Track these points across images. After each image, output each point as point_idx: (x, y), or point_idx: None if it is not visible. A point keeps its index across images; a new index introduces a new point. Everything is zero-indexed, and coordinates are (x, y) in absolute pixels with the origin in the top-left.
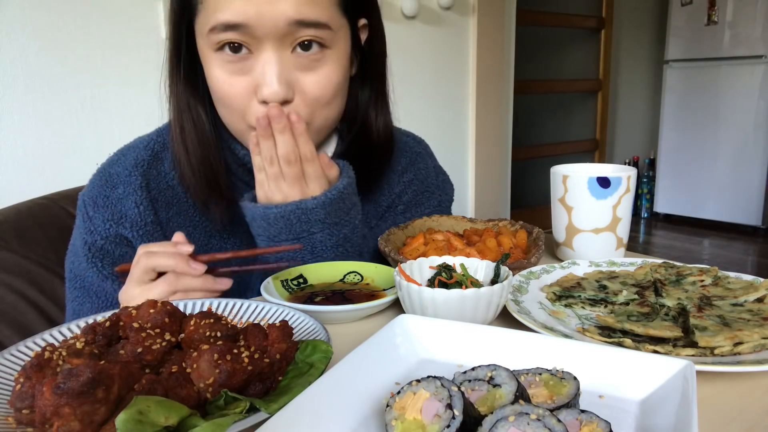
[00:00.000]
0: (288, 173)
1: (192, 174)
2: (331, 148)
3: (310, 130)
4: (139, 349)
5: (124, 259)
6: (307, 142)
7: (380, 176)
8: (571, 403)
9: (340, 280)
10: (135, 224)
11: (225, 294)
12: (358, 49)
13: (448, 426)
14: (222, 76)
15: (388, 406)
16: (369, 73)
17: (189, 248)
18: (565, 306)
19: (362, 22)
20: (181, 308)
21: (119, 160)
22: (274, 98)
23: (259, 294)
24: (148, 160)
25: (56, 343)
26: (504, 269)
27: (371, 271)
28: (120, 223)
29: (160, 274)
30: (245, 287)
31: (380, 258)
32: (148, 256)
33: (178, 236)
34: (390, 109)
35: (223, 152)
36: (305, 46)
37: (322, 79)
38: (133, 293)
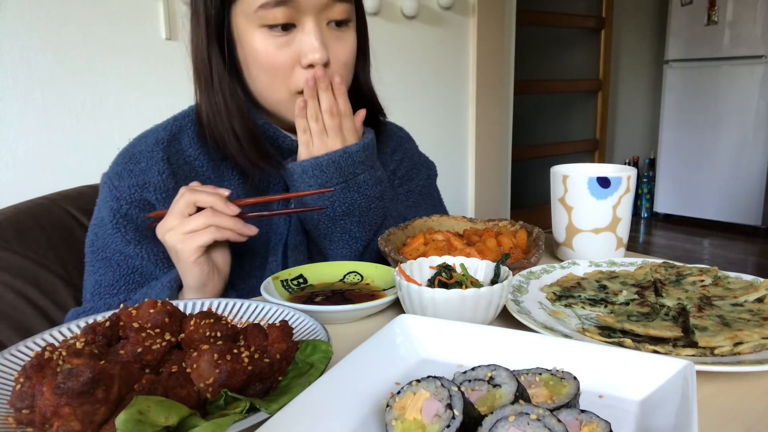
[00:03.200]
0: (330, 126)
1: (237, 140)
2: None
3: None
4: (139, 349)
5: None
6: (345, 100)
7: (378, 133)
8: (571, 403)
9: (340, 280)
10: (158, 189)
11: (247, 251)
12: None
13: (448, 426)
14: (268, 48)
15: (388, 406)
16: (359, 45)
17: (226, 192)
18: (565, 306)
19: None
20: (181, 308)
21: (140, 141)
22: (320, 61)
23: (259, 294)
24: (168, 138)
25: (56, 343)
26: (504, 269)
27: (371, 271)
28: (144, 188)
29: (199, 210)
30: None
31: (380, 257)
32: (192, 192)
33: (219, 190)
34: (370, 77)
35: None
36: (338, 22)
37: (348, 46)
38: (172, 224)
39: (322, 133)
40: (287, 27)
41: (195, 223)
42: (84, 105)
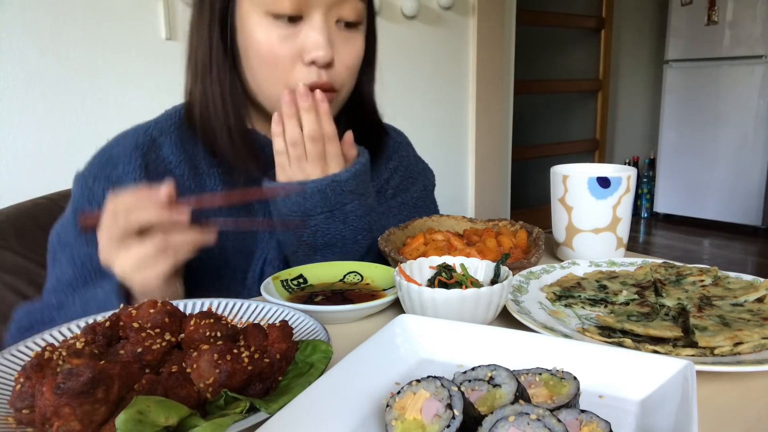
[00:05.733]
0: (312, 152)
1: (229, 135)
2: None
3: (337, 100)
4: (139, 349)
5: None
6: (329, 122)
7: (378, 149)
8: (571, 403)
9: (340, 280)
10: None
11: (216, 261)
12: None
13: (448, 426)
14: (270, 39)
15: (388, 406)
16: (366, 55)
17: (164, 190)
18: (565, 306)
19: None
20: (181, 308)
21: (119, 143)
22: (323, 59)
23: (259, 294)
24: (148, 143)
25: (56, 343)
26: (504, 269)
27: (371, 271)
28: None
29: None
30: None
31: (380, 257)
32: (126, 213)
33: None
34: (374, 82)
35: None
36: (348, 24)
37: (355, 50)
38: (121, 263)
39: (300, 158)
40: (294, 19)
41: (143, 251)
42: (84, 105)
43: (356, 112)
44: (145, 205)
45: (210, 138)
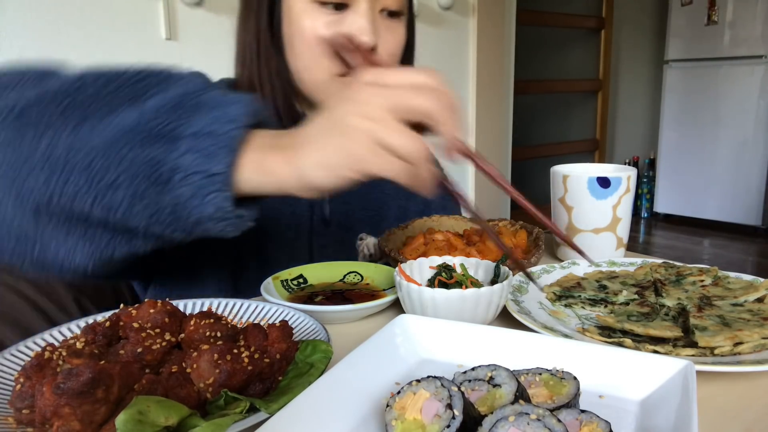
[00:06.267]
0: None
1: (278, 119)
2: None
3: None
4: (139, 349)
5: None
6: None
7: None
8: (571, 403)
9: (340, 280)
10: None
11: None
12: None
13: (448, 426)
14: (316, 24)
15: (388, 406)
16: (406, 50)
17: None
18: (565, 306)
19: None
20: (181, 308)
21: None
22: (368, 43)
23: (259, 293)
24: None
25: (56, 343)
26: (504, 269)
27: (371, 271)
28: None
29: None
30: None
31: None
32: (416, 90)
33: None
34: None
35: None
36: (391, 12)
37: (398, 37)
38: (374, 113)
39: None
40: (340, 7)
41: (404, 147)
42: None
43: None
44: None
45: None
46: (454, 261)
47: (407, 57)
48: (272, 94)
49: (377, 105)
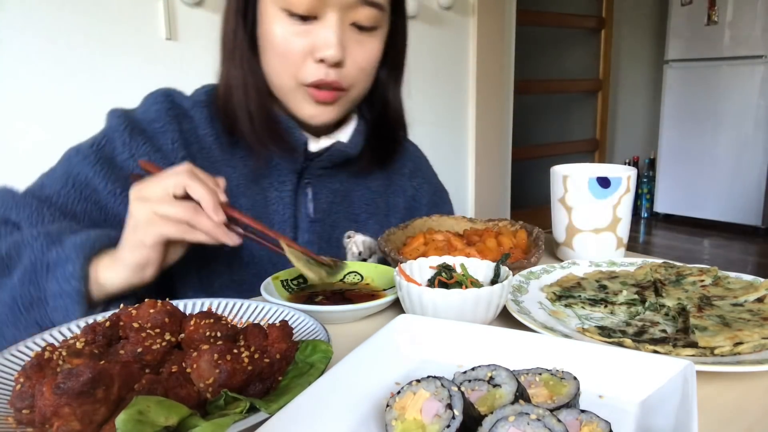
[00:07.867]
0: None
1: (249, 118)
2: (351, 126)
3: (347, 98)
4: (139, 349)
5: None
6: None
7: (394, 152)
8: (571, 403)
9: (340, 280)
10: (166, 158)
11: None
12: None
13: (448, 426)
14: (284, 34)
15: (388, 406)
16: (392, 59)
17: (224, 197)
18: (565, 306)
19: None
20: (181, 308)
21: (157, 102)
22: (333, 59)
23: (259, 293)
24: (182, 111)
25: (56, 343)
26: (504, 269)
27: (371, 271)
28: (154, 153)
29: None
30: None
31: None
32: (190, 176)
33: (222, 182)
34: (402, 93)
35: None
36: (362, 27)
37: (368, 52)
38: (150, 194)
39: None
40: (307, 18)
41: (172, 211)
42: (84, 105)
43: (380, 114)
44: (206, 184)
45: (231, 119)
46: (454, 261)
47: (397, 63)
48: (245, 93)
49: (154, 188)
